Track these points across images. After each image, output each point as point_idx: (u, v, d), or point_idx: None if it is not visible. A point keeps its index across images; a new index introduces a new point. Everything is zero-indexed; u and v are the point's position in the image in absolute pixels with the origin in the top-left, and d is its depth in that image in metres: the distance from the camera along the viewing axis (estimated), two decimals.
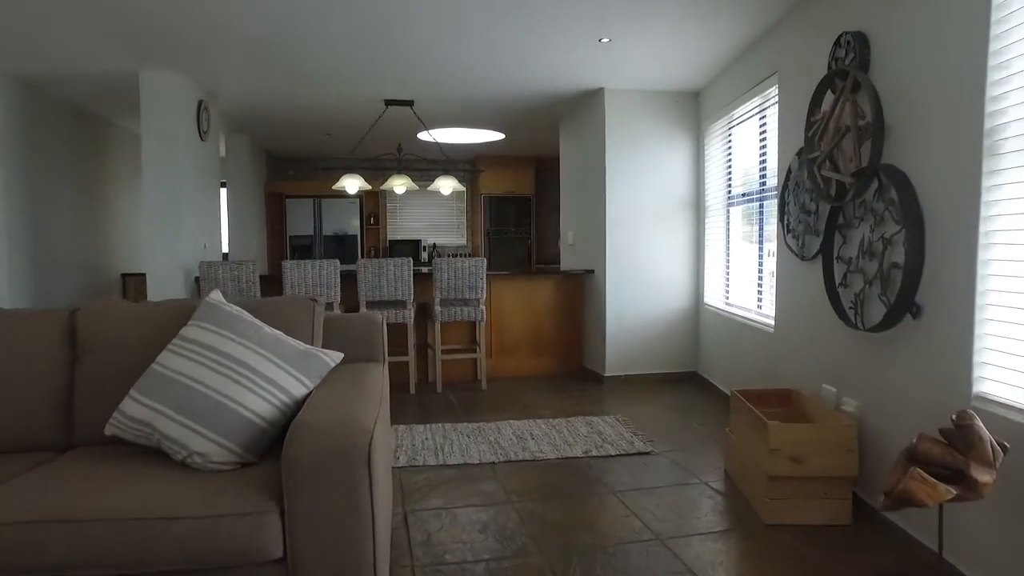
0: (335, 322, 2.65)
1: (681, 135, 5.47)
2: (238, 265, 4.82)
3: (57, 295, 5.45)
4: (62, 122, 5.61)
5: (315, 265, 4.94)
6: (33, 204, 5.16)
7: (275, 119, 6.52)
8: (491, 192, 9.27)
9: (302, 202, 8.53)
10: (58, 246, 5.52)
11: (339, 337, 2.60)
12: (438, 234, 9.69)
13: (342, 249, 8.66)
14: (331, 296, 4.98)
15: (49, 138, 5.40)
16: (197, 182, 5.28)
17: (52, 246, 5.43)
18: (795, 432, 2.66)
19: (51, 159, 5.44)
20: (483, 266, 5.17)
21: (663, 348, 5.53)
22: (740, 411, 3.14)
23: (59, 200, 5.56)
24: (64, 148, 5.66)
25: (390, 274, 5.04)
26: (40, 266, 5.25)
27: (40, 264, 5.25)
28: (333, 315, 2.71)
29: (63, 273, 5.63)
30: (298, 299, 2.49)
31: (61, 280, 5.58)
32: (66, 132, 5.68)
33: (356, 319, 2.70)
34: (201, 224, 5.36)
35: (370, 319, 2.71)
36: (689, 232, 5.51)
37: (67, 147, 5.71)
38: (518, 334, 5.85)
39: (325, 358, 2.23)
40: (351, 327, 2.67)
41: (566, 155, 6.55)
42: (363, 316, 2.73)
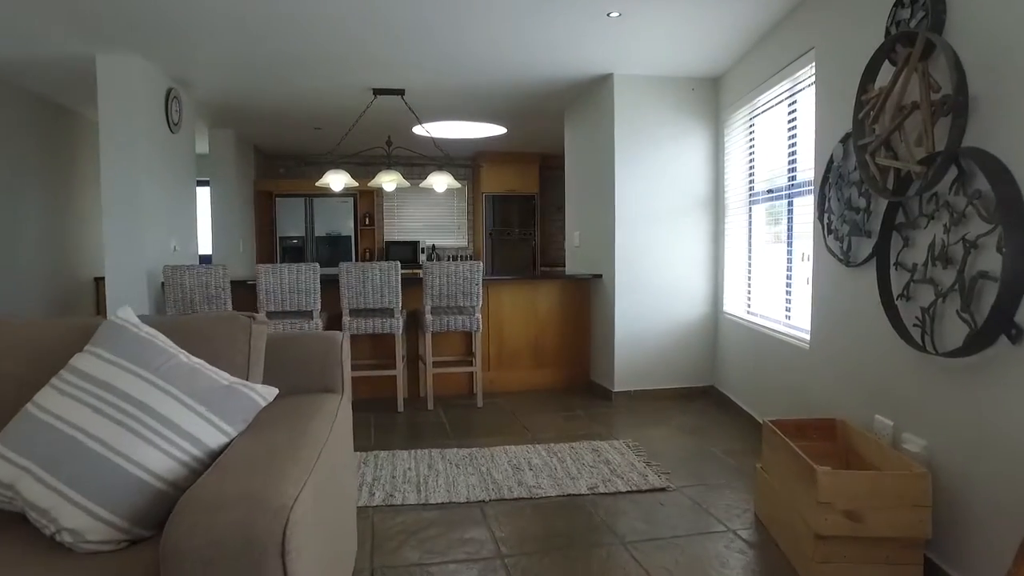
0: (282, 344, 2.16)
1: (698, 126, 4.96)
2: (206, 270, 4.35)
3: (20, 305, 4.99)
4: (23, 112, 5.16)
5: (292, 270, 4.46)
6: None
7: (258, 111, 6.05)
8: (493, 191, 8.78)
9: (292, 201, 8.06)
10: (22, 249, 5.06)
11: (287, 363, 2.12)
12: (437, 235, 9.21)
13: (335, 251, 8.19)
14: (310, 304, 4.49)
15: (9, 129, 4.95)
16: (167, 178, 4.81)
17: (15, 249, 4.98)
18: (852, 482, 2.14)
19: (12, 152, 4.98)
20: (479, 271, 4.68)
21: (677, 360, 5.01)
22: (776, 447, 2.63)
23: (22, 197, 5.10)
24: (27, 141, 5.21)
25: (375, 279, 4.56)
26: (1, 271, 4.80)
27: (1, 269, 4.80)
28: (280, 335, 2.22)
29: (27, 279, 5.17)
30: (229, 317, 2.00)
31: (25, 287, 5.13)
32: (29, 123, 5.23)
33: (309, 340, 2.21)
34: (172, 224, 4.89)
35: (327, 340, 2.22)
36: (706, 233, 5.00)
37: (31, 140, 5.26)
38: (518, 344, 5.35)
39: (253, 395, 1.74)
40: (302, 349, 2.18)
41: (572, 150, 6.05)
42: (319, 336, 2.23)
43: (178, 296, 4.34)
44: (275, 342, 2.14)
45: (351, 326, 4.60)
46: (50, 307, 5.47)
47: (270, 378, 2.03)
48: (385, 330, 4.62)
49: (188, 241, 5.28)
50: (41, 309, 5.32)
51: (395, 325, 4.62)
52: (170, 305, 4.34)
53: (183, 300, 4.35)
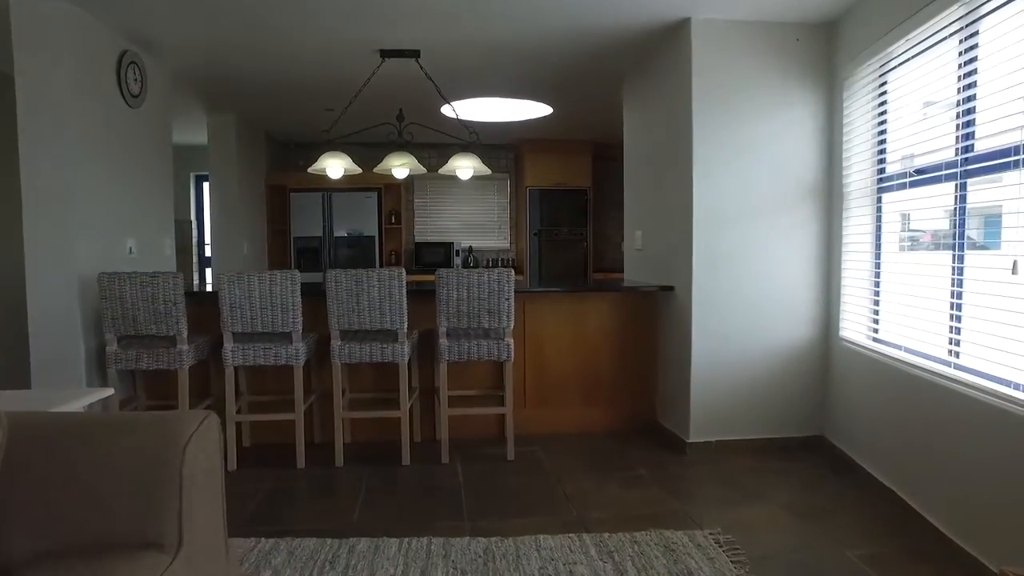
0: (50, 441, 1.07)
1: (803, 89, 3.70)
2: (152, 279, 3.34)
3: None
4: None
5: (265, 279, 3.42)
6: None
7: (253, 87, 5.07)
8: (538, 184, 7.63)
9: (308, 197, 7.09)
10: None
11: (63, 483, 1.04)
12: (475, 236, 8.11)
13: (357, 254, 7.18)
14: (289, 324, 3.44)
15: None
16: (123, 164, 3.85)
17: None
18: None
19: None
20: (509, 280, 3.55)
21: (775, 401, 3.77)
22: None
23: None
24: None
25: (373, 292, 3.47)
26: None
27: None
28: (46, 420, 1.13)
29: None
30: None
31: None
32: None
33: (119, 434, 1.12)
34: (132, 221, 3.92)
35: (159, 439, 1.12)
36: (815, 232, 3.74)
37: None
38: (563, 374, 4.19)
39: None
40: (97, 456, 1.09)
41: (633, 127, 4.85)
42: (144, 428, 1.14)
43: (117, 313, 3.35)
44: (37, 436, 1.06)
45: (342, 352, 3.53)
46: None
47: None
48: (386, 358, 3.54)
49: (159, 242, 4.32)
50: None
51: (399, 352, 3.53)
52: (107, 326, 3.36)
53: (123, 318, 3.36)
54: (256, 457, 3.73)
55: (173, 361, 3.41)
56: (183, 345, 3.41)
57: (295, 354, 3.48)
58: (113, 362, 3.39)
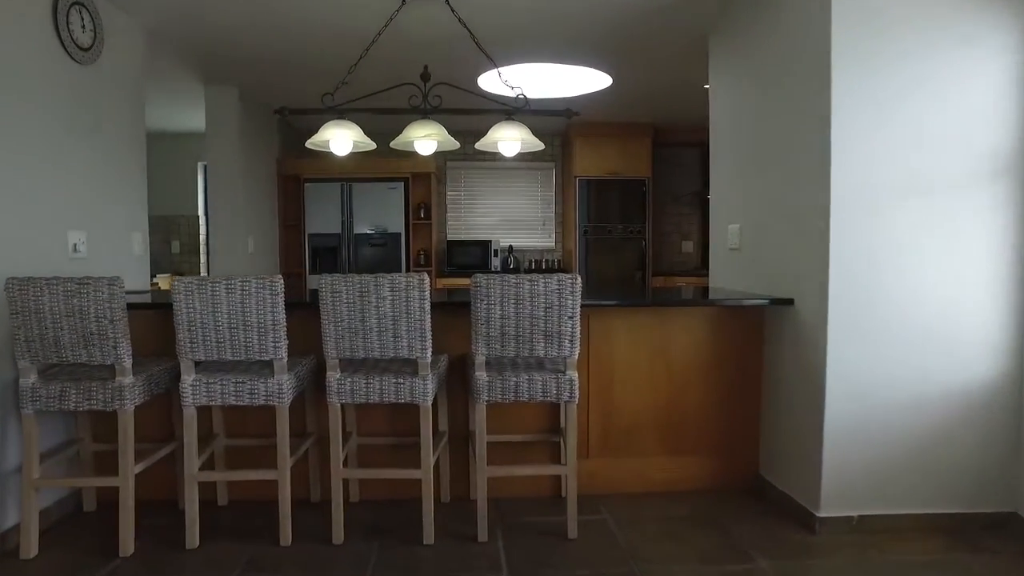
0: None
1: (989, 24, 2.62)
2: (79, 286, 2.42)
3: None
4: None
5: (235, 288, 2.46)
6: None
7: (250, 50, 4.16)
8: (588, 174, 6.60)
9: (325, 188, 6.17)
10: None
11: None
12: (515, 233, 7.11)
13: (380, 254, 6.24)
14: (269, 349, 2.48)
15: None
16: (65, 135, 2.95)
17: None
18: None
19: None
20: (575, 290, 2.53)
21: (948, 463, 2.68)
22: None
23: None
24: None
25: (384, 307, 2.49)
26: None
27: None
28: None
29: None
30: None
31: None
32: None
33: None
34: (73, 210, 3.02)
35: None
36: (1013, 222, 2.65)
37: None
38: (637, 414, 3.16)
39: None
40: None
41: (724, 95, 3.79)
42: None
43: (32, 333, 2.43)
44: None
45: (341, 389, 2.56)
46: None
47: None
48: (402, 397, 2.56)
49: (123, 238, 3.42)
50: None
51: (421, 389, 2.54)
52: (21, 351, 2.44)
53: (42, 341, 2.44)
54: (232, 522, 2.79)
55: (111, 399, 2.48)
56: (125, 377, 2.48)
57: (277, 390, 2.52)
58: (29, 400, 2.48)
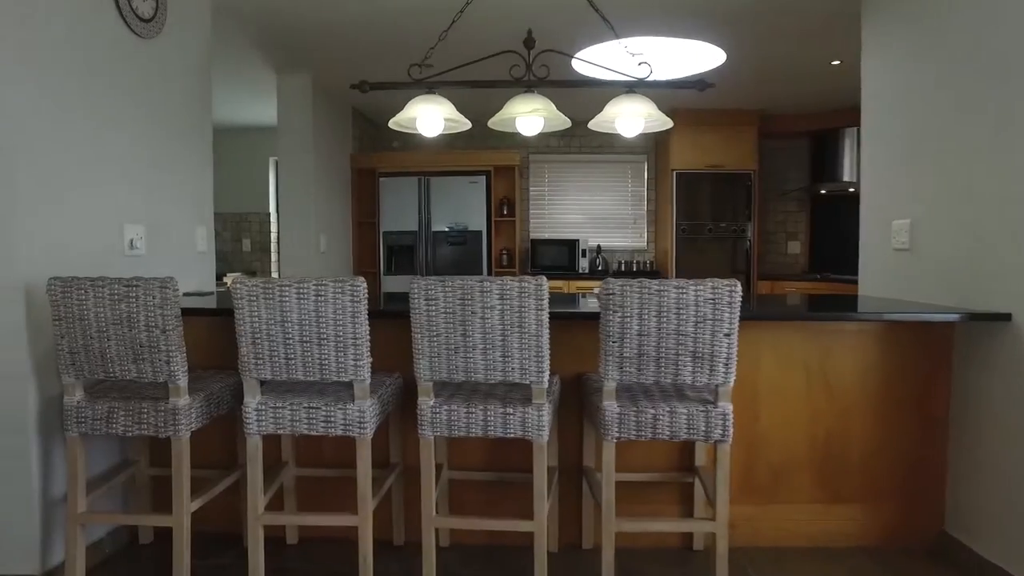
0: None
1: None
2: (129, 288, 2.01)
3: None
4: None
5: (308, 293, 1.99)
6: None
7: (327, 34, 3.75)
8: (688, 167, 5.96)
9: (402, 182, 5.76)
10: None
11: None
12: (603, 231, 6.53)
13: (459, 254, 5.78)
14: (349, 368, 2.01)
15: None
16: (122, 119, 2.58)
17: None
18: None
19: None
20: (732, 304, 1.97)
21: None
22: None
23: None
24: None
25: (492, 319, 1.98)
26: None
27: None
28: None
29: None
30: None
31: None
32: None
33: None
34: (131, 201, 2.65)
35: None
36: None
37: None
38: (788, 451, 2.55)
39: None
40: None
41: (885, 64, 3.12)
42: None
43: (77, 344, 2.04)
44: None
45: (438, 418, 2.07)
46: None
47: None
48: (512, 431, 2.04)
49: (187, 232, 3.04)
50: None
51: (536, 422, 2.03)
52: (64, 364, 2.05)
53: (87, 352, 2.04)
54: (303, 566, 2.35)
55: (164, 424, 2.07)
56: (179, 399, 2.06)
57: (358, 419, 2.05)
58: (74, 422, 2.09)
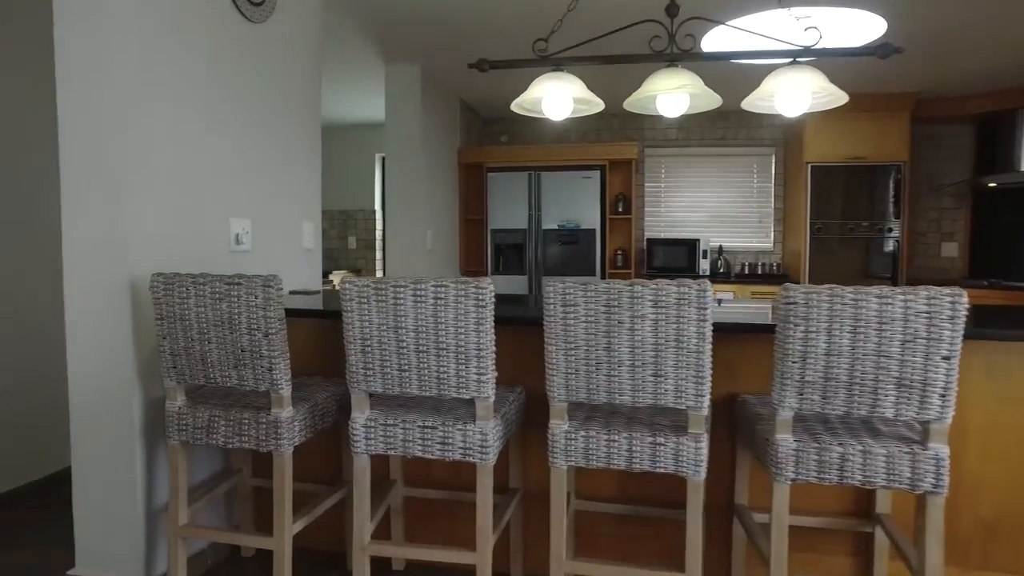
0: None
1: None
2: (229, 286, 1.80)
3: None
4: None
5: (426, 295, 1.72)
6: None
7: (440, 21, 3.52)
8: (825, 159, 5.35)
9: (511, 177, 5.49)
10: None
11: None
12: (725, 231, 6.01)
13: (571, 254, 5.44)
14: (468, 386, 1.72)
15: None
16: (232, 108, 2.42)
17: None
18: None
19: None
20: (956, 315, 1.52)
21: None
22: None
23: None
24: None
25: (643, 330, 1.63)
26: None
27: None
28: None
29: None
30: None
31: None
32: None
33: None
34: (238, 193, 2.49)
35: None
36: None
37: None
38: (1007, 503, 2.05)
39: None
40: None
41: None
42: None
43: (177, 345, 1.86)
44: None
45: (573, 446, 1.74)
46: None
47: None
48: (662, 465, 1.68)
49: (294, 228, 2.88)
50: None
51: (692, 455, 1.66)
52: (166, 366, 1.88)
53: (188, 355, 1.86)
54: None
55: (265, 437, 1.85)
56: (282, 410, 1.84)
57: (480, 443, 1.75)
58: (175, 429, 1.92)
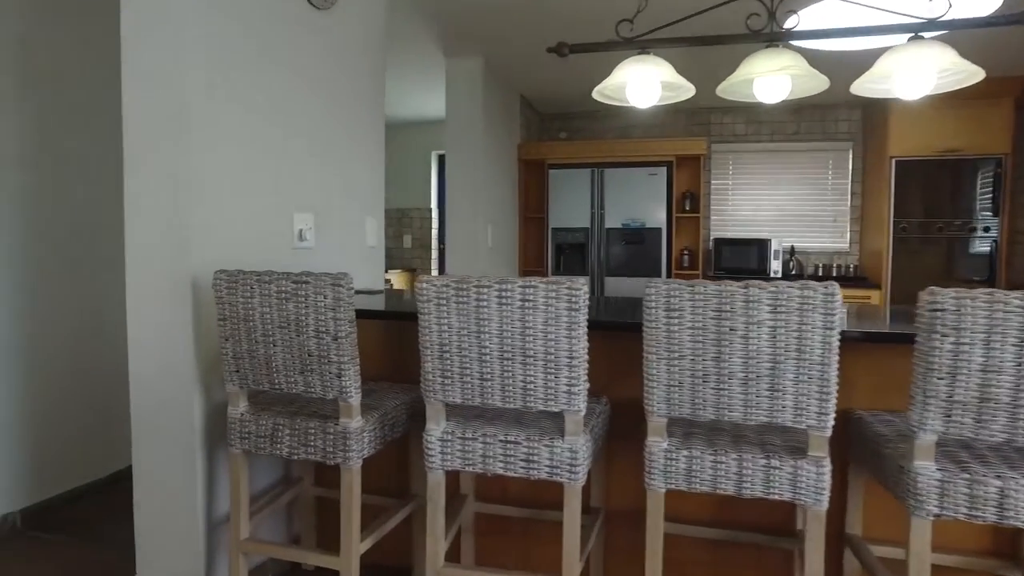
0: None
1: None
2: (297, 285, 1.66)
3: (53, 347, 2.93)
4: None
5: (512, 294, 1.54)
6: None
7: (504, 13, 3.35)
8: (912, 153, 4.99)
9: (573, 175, 5.29)
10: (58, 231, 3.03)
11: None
12: (797, 230, 5.68)
13: (635, 254, 5.21)
14: (558, 397, 1.54)
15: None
16: (295, 97, 2.31)
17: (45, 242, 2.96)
18: None
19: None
20: None
21: None
22: None
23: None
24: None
25: (760, 340, 1.41)
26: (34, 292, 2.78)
27: (35, 288, 2.78)
28: None
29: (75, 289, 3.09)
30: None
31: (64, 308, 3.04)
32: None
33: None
34: (300, 186, 2.37)
35: None
36: None
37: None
38: None
39: None
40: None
41: None
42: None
43: (240, 347, 1.73)
44: None
45: (673, 467, 1.54)
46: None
47: None
48: (777, 491, 1.47)
49: (356, 223, 2.75)
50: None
51: (813, 481, 1.44)
52: (229, 369, 1.76)
53: (251, 359, 1.73)
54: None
55: (332, 449, 1.71)
56: (351, 420, 1.70)
57: (568, 461, 1.57)
58: (237, 437, 1.79)
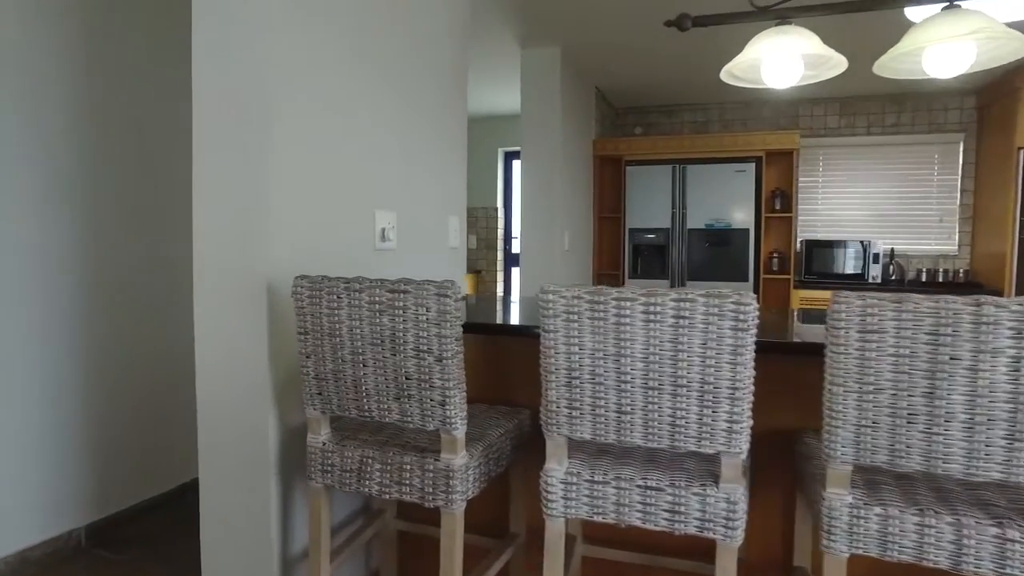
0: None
1: None
2: (393, 294, 1.40)
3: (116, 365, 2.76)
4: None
5: (662, 310, 1.24)
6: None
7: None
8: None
9: (653, 171, 4.94)
10: (113, 240, 2.84)
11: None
12: (896, 231, 5.19)
13: (720, 257, 4.83)
14: (715, 438, 1.23)
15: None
16: (374, 83, 2.06)
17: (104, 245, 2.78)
18: None
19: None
20: None
21: None
22: None
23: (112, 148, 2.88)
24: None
25: (994, 373, 1.07)
26: (94, 292, 2.61)
27: (95, 288, 2.61)
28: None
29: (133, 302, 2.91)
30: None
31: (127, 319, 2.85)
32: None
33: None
34: (382, 183, 2.12)
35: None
36: None
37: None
38: None
39: None
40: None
41: None
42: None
43: (324, 367, 1.48)
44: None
45: (863, 526, 1.20)
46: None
47: None
48: (1015, 570, 1.13)
49: (439, 222, 2.49)
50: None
51: None
52: (309, 392, 1.51)
53: (336, 380, 1.47)
54: None
55: (432, 490, 1.44)
56: (455, 456, 1.42)
57: (725, 515, 1.26)
58: (319, 470, 1.54)
